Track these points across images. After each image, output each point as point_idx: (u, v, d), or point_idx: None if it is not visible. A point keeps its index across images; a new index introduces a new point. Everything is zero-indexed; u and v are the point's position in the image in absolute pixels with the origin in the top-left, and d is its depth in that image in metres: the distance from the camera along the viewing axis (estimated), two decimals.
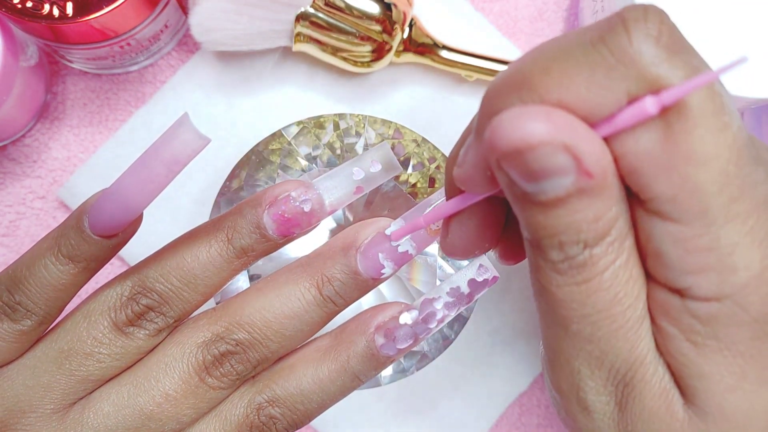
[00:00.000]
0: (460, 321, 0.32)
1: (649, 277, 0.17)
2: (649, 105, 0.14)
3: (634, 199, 0.16)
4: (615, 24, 0.15)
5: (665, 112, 0.15)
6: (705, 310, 0.16)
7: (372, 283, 0.23)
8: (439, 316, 0.23)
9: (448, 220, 0.20)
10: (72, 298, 0.22)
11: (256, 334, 0.22)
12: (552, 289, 0.17)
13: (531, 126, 0.14)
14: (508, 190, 0.16)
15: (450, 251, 0.20)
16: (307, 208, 0.22)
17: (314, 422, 0.35)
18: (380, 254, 0.22)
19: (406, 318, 0.23)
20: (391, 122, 0.33)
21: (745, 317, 0.16)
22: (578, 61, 0.15)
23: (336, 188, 0.23)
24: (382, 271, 0.22)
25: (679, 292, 0.17)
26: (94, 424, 0.21)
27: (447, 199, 0.20)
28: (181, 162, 0.19)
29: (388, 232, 0.22)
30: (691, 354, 0.17)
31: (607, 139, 0.16)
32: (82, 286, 0.22)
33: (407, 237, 0.22)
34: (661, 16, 0.15)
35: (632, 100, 0.15)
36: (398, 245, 0.22)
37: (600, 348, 0.17)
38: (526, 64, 0.16)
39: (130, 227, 0.22)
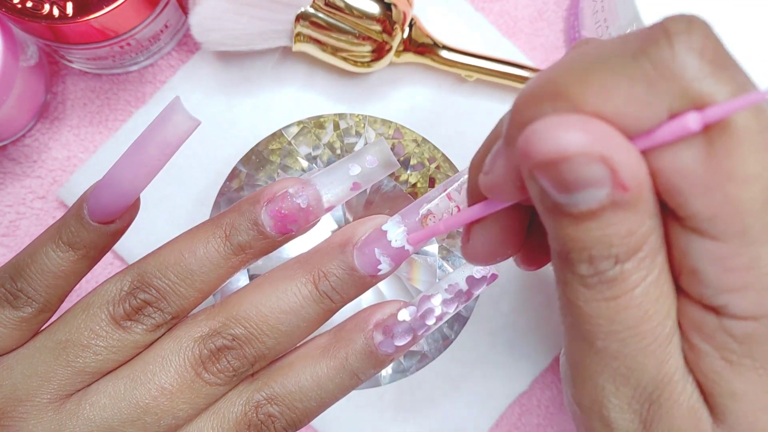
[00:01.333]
0: (460, 321, 0.32)
1: (682, 292, 0.17)
2: (692, 121, 0.14)
3: (669, 214, 0.16)
4: (657, 36, 0.14)
5: (708, 129, 0.15)
6: (741, 328, 0.16)
7: (369, 280, 0.23)
8: (437, 313, 0.23)
9: (470, 226, 0.20)
10: (72, 287, 0.23)
11: (252, 329, 0.22)
12: (579, 303, 0.17)
13: (567, 136, 0.14)
14: (539, 200, 0.16)
15: (471, 257, 0.20)
16: (304, 204, 0.22)
17: (314, 422, 0.35)
18: (377, 250, 0.22)
19: (404, 315, 0.23)
20: (391, 122, 0.33)
21: None
22: (617, 73, 0.14)
23: (333, 184, 0.23)
24: (379, 267, 0.22)
25: (715, 310, 0.16)
26: (89, 415, 0.21)
27: (469, 205, 0.20)
28: (172, 144, 0.20)
29: (384, 228, 0.22)
30: (724, 372, 0.17)
31: (644, 153, 0.15)
32: (82, 275, 0.23)
33: (403, 233, 0.22)
34: (705, 28, 0.15)
35: (673, 116, 0.15)
36: (394, 241, 0.22)
37: (626, 365, 0.17)
38: (561, 73, 0.15)
39: (127, 213, 0.22)
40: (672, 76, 0.14)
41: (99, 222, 0.22)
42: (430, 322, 0.23)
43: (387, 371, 0.32)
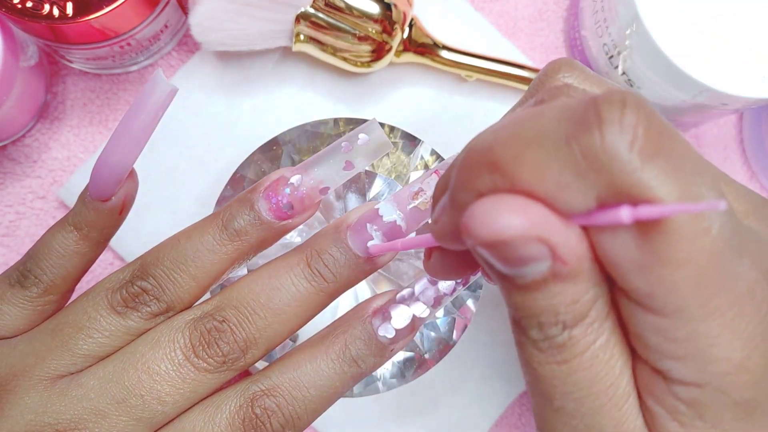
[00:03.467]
0: (461, 326, 0.32)
1: (635, 353, 0.17)
2: (625, 215, 0.14)
3: (614, 282, 0.16)
4: (590, 121, 0.14)
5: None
6: (687, 393, 0.16)
7: (363, 262, 0.23)
8: (434, 294, 0.23)
9: (430, 248, 0.20)
10: (78, 272, 0.24)
11: (243, 308, 0.22)
12: (534, 365, 0.17)
13: (506, 220, 0.14)
14: (487, 268, 0.16)
15: (432, 273, 0.21)
16: (297, 182, 0.23)
17: (314, 423, 0.35)
18: (368, 225, 0.23)
19: (402, 295, 0.23)
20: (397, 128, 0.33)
21: (728, 401, 0.16)
22: (550, 155, 0.15)
23: (326, 165, 0.23)
24: (371, 243, 0.22)
25: (661, 374, 0.17)
26: (76, 395, 0.22)
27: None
28: (151, 113, 0.21)
29: (377, 206, 0.23)
30: None
31: (584, 227, 0.15)
32: (86, 259, 0.24)
33: (394, 209, 0.23)
34: (638, 113, 0.14)
35: (602, 205, 0.15)
36: (386, 216, 0.23)
37: (585, 423, 0.17)
38: (500, 143, 0.15)
39: (122, 190, 0.23)
40: (600, 169, 0.14)
41: (97, 199, 0.23)
42: (429, 302, 0.23)
43: (384, 375, 0.32)
